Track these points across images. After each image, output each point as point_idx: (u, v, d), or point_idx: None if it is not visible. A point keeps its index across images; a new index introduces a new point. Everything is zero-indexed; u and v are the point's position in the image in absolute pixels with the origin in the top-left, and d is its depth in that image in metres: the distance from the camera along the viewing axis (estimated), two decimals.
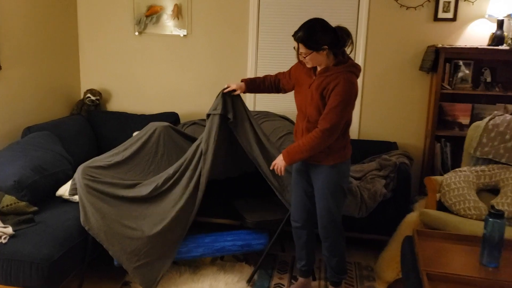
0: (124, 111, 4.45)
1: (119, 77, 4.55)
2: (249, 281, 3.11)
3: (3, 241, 2.58)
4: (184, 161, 3.02)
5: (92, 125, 4.23)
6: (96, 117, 4.29)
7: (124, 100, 4.59)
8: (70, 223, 2.83)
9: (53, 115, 4.18)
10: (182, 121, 4.29)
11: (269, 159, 3.08)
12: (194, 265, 3.27)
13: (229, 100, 2.96)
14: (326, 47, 2.52)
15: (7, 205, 2.77)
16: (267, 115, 4.10)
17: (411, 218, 3.33)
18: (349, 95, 2.54)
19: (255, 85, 2.96)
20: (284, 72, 2.95)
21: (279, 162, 2.71)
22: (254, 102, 4.39)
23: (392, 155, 3.85)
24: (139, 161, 3.18)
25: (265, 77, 2.99)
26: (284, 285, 3.17)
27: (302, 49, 2.54)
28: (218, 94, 2.96)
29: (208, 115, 2.99)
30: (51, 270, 2.54)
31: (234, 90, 2.95)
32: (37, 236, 2.65)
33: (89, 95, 4.37)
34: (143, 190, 2.95)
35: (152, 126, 3.34)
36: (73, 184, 2.85)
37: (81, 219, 2.79)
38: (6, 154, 3.13)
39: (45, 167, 3.12)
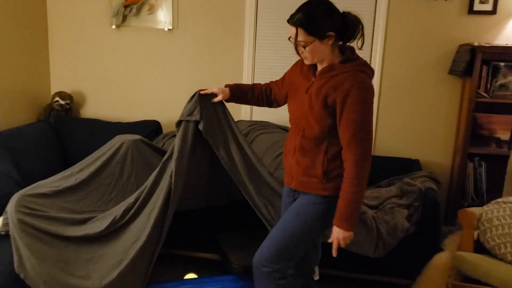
0: (99, 118, 3.80)
1: (93, 78, 3.91)
2: None
3: None
4: (148, 183, 2.36)
5: (59, 135, 3.59)
6: (64, 125, 3.65)
7: (98, 105, 3.95)
8: (5, 267, 2.18)
9: (16, 122, 3.55)
10: (165, 130, 3.65)
11: (259, 184, 2.42)
12: None
13: (208, 106, 2.31)
14: (332, 33, 1.89)
15: None
16: (264, 126, 3.44)
17: (441, 260, 2.65)
18: (368, 102, 1.92)
19: (242, 92, 2.31)
20: (277, 80, 2.30)
21: (340, 236, 2.01)
22: (251, 110, 3.72)
23: (415, 177, 3.16)
24: (97, 186, 2.53)
25: (255, 85, 2.35)
26: None
27: (302, 36, 1.90)
28: (193, 96, 2.32)
29: (180, 122, 2.33)
30: None
31: (215, 95, 2.30)
32: None
33: (57, 98, 3.73)
34: (97, 226, 2.30)
35: (118, 140, 2.69)
36: (5, 219, 2.21)
37: (15, 264, 2.15)
38: None
39: None
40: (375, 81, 3.40)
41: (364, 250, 2.75)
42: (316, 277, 2.43)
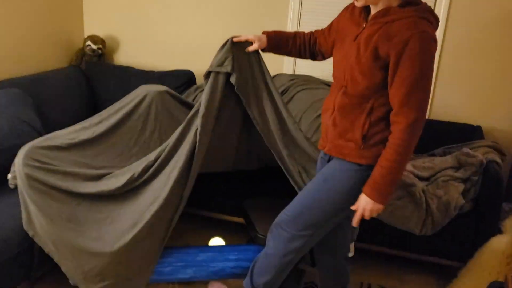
0: (131, 65, 3.57)
1: (127, 22, 3.66)
2: None
3: None
4: (171, 140, 2.12)
5: (89, 82, 3.41)
6: (95, 71, 3.46)
7: (132, 52, 3.72)
8: (12, 224, 2.04)
9: (46, 66, 3.38)
10: (198, 82, 3.38)
11: (294, 149, 2.14)
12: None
13: (242, 56, 2.01)
14: None
15: None
16: (307, 82, 3.10)
17: (499, 244, 2.32)
18: (429, 57, 1.57)
19: (281, 41, 2.00)
20: (323, 29, 1.98)
21: (368, 206, 1.73)
22: (295, 63, 3.38)
23: (475, 147, 2.77)
24: (116, 141, 2.32)
25: (297, 33, 2.04)
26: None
27: None
28: (225, 43, 2.02)
29: (209, 74, 2.05)
30: None
31: (250, 43, 2.01)
32: None
33: (89, 42, 3.53)
34: (113, 183, 2.09)
35: (141, 90, 2.45)
36: (13, 172, 2.04)
37: (23, 221, 2.01)
38: None
39: None
40: (438, 33, 2.95)
41: (410, 226, 2.44)
42: (351, 254, 2.16)
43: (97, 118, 2.34)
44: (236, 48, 2.01)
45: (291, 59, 3.33)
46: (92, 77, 3.42)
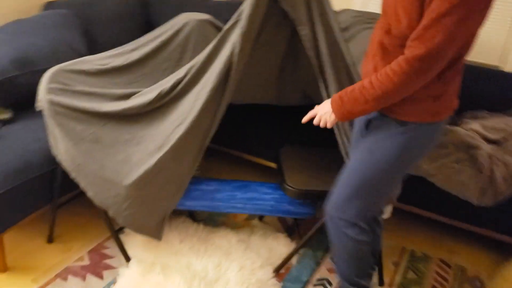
0: None
1: None
2: (277, 270, 2.12)
3: None
4: (203, 56, 1.93)
5: (146, 7, 3.27)
6: None
7: None
8: (39, 146, 2.03)
9: None
10: None
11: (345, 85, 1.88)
12: (213, 223, 2.37)
13: None
14: None
15: None
16: (373, 20, 2.74)
17: None
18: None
19: None
20: None
21: (324, 114, 1.56)
22: None
23: None
24: (151, 70, 2.19)
25: None
26: (332, 284, 2.13)
27: None
28: None
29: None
30: None
31: None
32: None
33: None
34: (140, 100, 1.96)
35: (181, 18, 2.27)
36: (39, 94, 1.99)
37: (51, 146, 1.98)
38: None
39: (34, 60, 2.28)
40: None
41: (467, 194, 2.14)
42: (385, 216, 1.93)
43: (132, 45, 2.21)
44: None
45: None
46: (149, 2, 3.29)
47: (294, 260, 2.21)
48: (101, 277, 2.03)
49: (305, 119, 1.64)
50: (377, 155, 1.57)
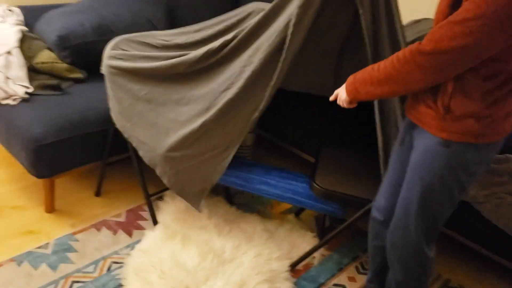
0: None
1: None
2: (293, 265, 2.10)
3: (12, 103, 2.15)
4: (253, 22, 1.95)
5: None
6: None
7: None
8: (98, 105, 2.23)
9: None
10: None
11: None
12: (248, 209, 2.41)
13: None
14: None
15: (43, 62, 2.30)
16: None
17: None
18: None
19: None
20: None
21: (340, 90, 1.60)
22: None
23: None
24: None
25: None
26: None
27: None
28: None
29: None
30: (39, 154, 2.03)
31: None
32: (46, 109, 2.13)
33: None
34: (189, 57, 2.03)
35: (249, 7, 2.33)
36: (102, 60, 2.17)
37: (110, 108, 2.15)
38: (87, 2, 2.61)
39: (114, 29, 2.50)
40: None
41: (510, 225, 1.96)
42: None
43: (198, 26, 2.32)
44: None
45: None
46: None
47: (316, 261, 2.18)
48: (130, 235, 2.17)
49: (332, 97, 1.65)
50: (428, 180, 1.51)
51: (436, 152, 1.48)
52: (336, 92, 1.63)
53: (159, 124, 2.03)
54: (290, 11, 1.81)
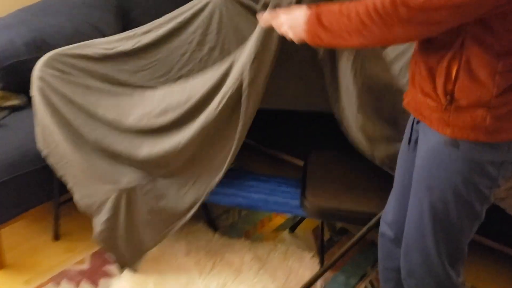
0: None
1: None
2: None
3: None
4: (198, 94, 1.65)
5: None
6: None
7: None
8: (31, 138, 1.86)
9: None
10: None
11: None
12: (234, 233, 2.06)
13: None
14: None
15: None
16: None
17: None
18: None
19: None
20: None
21: (294, 27, 1.22)
22: None
23: None
24: (165, 55, 1.91)
25: None
26: None
27: None
28: None
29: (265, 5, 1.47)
30: None
31: None
32: None
33: None
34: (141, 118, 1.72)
35: None
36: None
37: (37, 139, 1.78)
38: (17, 15, 2.21)
39: (52, 42, 2.11)
40: None
41: None
42: None
43: (147, 27, 1.95)
44: None
45: None
46: None
47: (318, 286, 1.84)
48: (96, 284, 1.83)
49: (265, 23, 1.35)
50: (439, 191, 1.18)
51: (442, 154, 1.15)
52: (276, 20, 1.28)
53: (98, 165, 1.71)
54: (239, 70, 1.49)
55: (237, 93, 1.53)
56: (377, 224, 1.51)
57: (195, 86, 1.69)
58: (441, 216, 1.19)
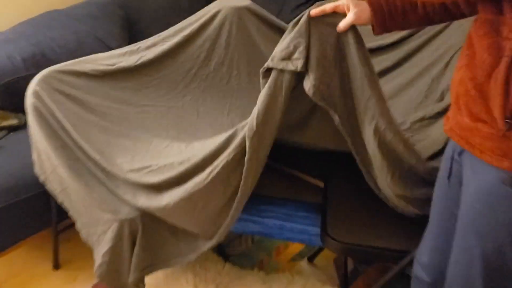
0: None
1: None
2: None
3: None
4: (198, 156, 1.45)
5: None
6: None
7: None
8: (26, 163, 1.72)
9: None
10: None
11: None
12: (247, 261, 1.89)
13: (326, 39, 1.23)
14: None
15: None
16: None
17: None
18: None
19: (395, 10, 1.11)
20: None
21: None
22: None
23: None
24: (169, 72, 1.76)
25: None
26: None
27: None
28: (297, 21, 1.26)
29: (269, 70, 1.29)
30: None
31: (340, 15, 1.20)
32: None
33: None
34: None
35: (214, 6, 1.81)
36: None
37: (34, 163, 1.64)
38: (17, 28, 2.10)
39: (52, 57, 1.99)
40: None
41: None
42: None
43: (151, 40, 1.79)
44: (315, 27, 1.22)
45: None
46: None
47: None
48: None
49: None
50: (493, 242, 0.99)
51: (499, 194, 0.96)
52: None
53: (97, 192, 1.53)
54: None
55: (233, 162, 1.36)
56: (409, 263, 1.33)
57: (194, 148, 1.54)
58: (494, 266, 1.00)
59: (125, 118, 1.66)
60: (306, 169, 2.12)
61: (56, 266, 1.91)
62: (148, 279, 1.73)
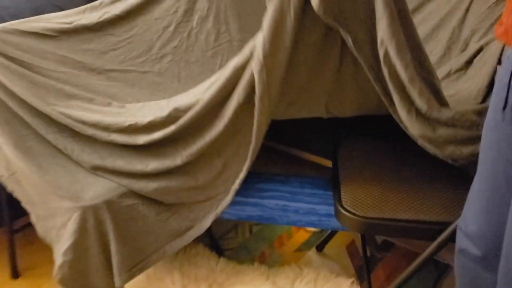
0: None
1: None
2: None
3: None
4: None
5: None
6: None
7: None
8: None
9: None
10: None
11: None
12: (245, 254, 1.60)
13: None
14: None
15: None
16: None
17: None
18: None
19: None
20: None
21: None
22: None
23: None
24: (142, 30, 1.46)
25: None
26: None
27: None
28: None
29: None
30: None
31: None
32: None
33: None
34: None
35: None
36: None
37: None
38: None
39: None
40: None
41: None
42: None
43: None
44: None
45: None
46: None
47: None
48: None
49: None
50: None
51: None
52: None
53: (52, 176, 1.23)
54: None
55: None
56: (451, 238, 1.04)
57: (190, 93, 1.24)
58: None
59: (86, 87, 1.36)
60: (309, 147, 1.84)
61: (15, 274, 1.59)
62: None
